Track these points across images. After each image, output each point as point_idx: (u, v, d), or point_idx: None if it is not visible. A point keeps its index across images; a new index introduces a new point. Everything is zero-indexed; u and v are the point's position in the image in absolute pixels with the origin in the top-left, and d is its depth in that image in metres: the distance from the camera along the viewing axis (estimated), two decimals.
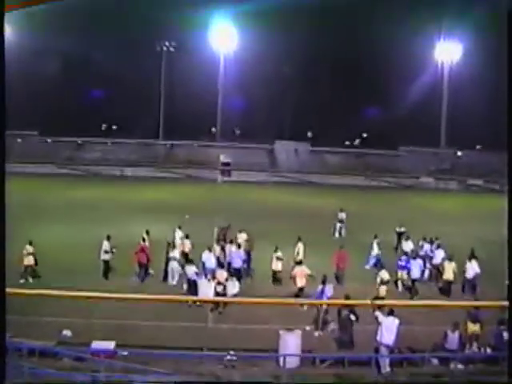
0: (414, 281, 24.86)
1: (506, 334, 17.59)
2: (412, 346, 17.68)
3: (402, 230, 33.31)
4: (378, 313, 17.13)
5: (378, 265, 25.46)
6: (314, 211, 42.26)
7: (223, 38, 78.98)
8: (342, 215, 37.72)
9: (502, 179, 70.54)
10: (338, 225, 37.34)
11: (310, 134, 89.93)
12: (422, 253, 27.52)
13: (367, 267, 28.04)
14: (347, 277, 25.78)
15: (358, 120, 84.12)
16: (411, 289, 24.68)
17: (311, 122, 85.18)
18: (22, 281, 23.83)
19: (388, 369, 16.30)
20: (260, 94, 79.92)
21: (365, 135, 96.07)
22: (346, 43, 76.48)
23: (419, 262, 25.57)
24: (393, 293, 23.57)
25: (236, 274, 24.41)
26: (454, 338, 17.07)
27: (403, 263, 25.55)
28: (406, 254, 27.14)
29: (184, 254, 26.28)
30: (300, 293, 23.22)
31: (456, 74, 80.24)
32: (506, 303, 18.06)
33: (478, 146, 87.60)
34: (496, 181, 71.73)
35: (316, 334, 19.72)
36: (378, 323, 16.87)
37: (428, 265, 26.80)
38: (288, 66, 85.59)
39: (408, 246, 28.83)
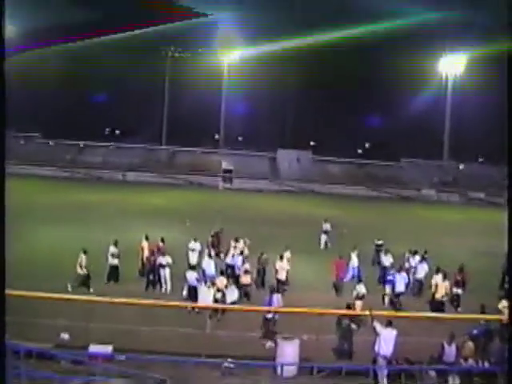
0: (398, 295, 24.00)
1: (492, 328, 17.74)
2: (410, 358, 17.64)
3: (380, 242, 32.09)
4: (376, 323, 17.12)
5: (356, 278, 25.02)
6: (314, 220, 42.11)
7: (228, 45, 79.18)
8: (327, 226, 36.57)
9: (503, 192, 70.74)
10: (323, 236, 36.16)
11: (312, 143, 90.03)
12: (406, 266, 26.50)
13: (344, 280, 26.30)
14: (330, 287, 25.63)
15: (360, 130, 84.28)
16: (395, 303, 23.83)
17: (314, 131, 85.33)
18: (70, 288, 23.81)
19: (385, 380, 16.26)
20: (263, 102, 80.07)
21: (367, 146, 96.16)
22: (351, 54, 76.68)
23: (404, 275, 24.57)
24: (379, 306, 22.56)
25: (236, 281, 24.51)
26: (450, 350, 17.04)
27: (391, 277, 24.50)
28: (384, 268, 26.50)
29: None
30: (280, 286, 24.04)
31: (459, 88, 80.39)
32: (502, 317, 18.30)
33: (480, 159, 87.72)
34: (498, 194, 71.78)
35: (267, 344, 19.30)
36: (376, 334, 16.84)
37: (411, 278, 25.71)
38: (292, 74, 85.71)
39: (387, 259, 27.50)
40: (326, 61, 79.27)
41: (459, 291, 24.21)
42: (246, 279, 24.57)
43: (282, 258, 25.97)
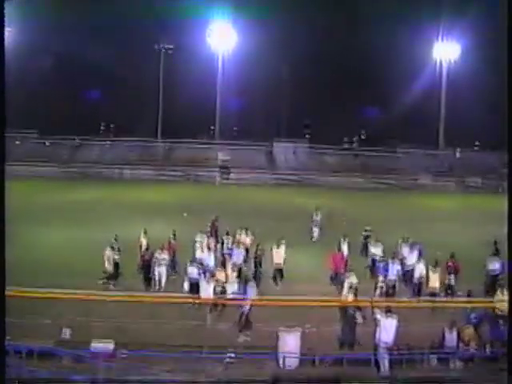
0: (392, 284, 23.84)
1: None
2: (411, 345, 17.69)
3: (368, 228, 31.54)
4: (376, 312, 17.17)
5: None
6: (310, 211, 42.10)
7: (221, 38, 78.90)
8: (317, 217, 35.95)
9: (500, 179, 70.80)
10: (315, 227, 35.42)
11: (308, 134, 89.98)
12: (399, 255, 26.01)
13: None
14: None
15: (356, 120, 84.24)
16: (388, 292, 23.62)
17: (309, 121, 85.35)
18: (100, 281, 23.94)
19: (387, 368, 16.32)
20: (258, 94, 79.92)
21: (363, 135, 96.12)
22: (345, 42, 76.55)
23: (397, 264, 24.42)
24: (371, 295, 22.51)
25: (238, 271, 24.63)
26: (451, 336, 17.10)
27: (380, 266, 24.44)
28: (373, 259, 26.15)
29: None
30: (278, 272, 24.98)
31: (454, 74, 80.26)
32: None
33: (476, 145, 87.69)
34: (495, 181, 71.80)
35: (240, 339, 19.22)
36: (377, 323, 16.89)
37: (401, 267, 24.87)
38: (286, 65, 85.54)
39: (377, 249, 27.04)
40: (321, 51, 79.19)
41: (452, 280, 23.87)
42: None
43: (278, 245, 26.11)
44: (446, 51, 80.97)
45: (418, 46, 77.43)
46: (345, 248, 27.33)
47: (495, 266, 25.09)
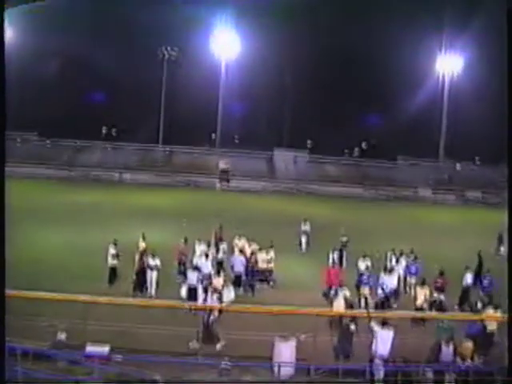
0: (387, 297, 23.89)
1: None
2: (407, 357, 17.63)
3: (345, 239, 31.26)
4: (373, 323, 17.14)
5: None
6: (311, 220, 41.96)
7: (225, 45, 79.08)
8: (306, 227, 35.45)
9: (500, 193, 70.83)
10: (303, 237, 34.86)
11: (309, 143, 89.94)
12: (395, 267, 25.96)
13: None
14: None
15: (357, 130, 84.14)
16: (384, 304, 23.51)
17: (311, 130, 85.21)
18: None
19: (382, 380, 16.28)
20: (260, 102, 79.98)
21: (364, 146, 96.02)
22: (348, 53, 76.68)
23: (394, 277, 24.53)
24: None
25: (237, 279, 24.86)
26: (448, 350, 17.05)
27: (365, 279, 24.21)
28: (360, 273, 25.37)
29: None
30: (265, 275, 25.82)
31: (456, 87, 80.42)
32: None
33: (477, 159, 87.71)
34: (495, 194, 71.82)
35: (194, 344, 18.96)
36: (373, 334, 16.86)
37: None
38: (289, 74, 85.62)
39: (363, 263, 26.38)
40: (323, 61, 79.32)
41: (441, 297, 23.49)
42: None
43: (267, 252, 26.84)
44: (449, 64, 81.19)
45: (420, 58, 77.61)
46: (335, 258, 27.30)
47: (466, 279, 25.30)
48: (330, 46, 75.40)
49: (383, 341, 16.62)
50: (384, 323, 17.13)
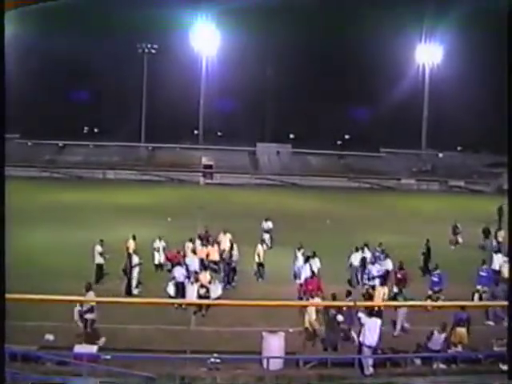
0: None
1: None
2: (394, 347, 17.75)
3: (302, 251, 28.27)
4: (360, 314, 17.22)
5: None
6: (296, 213, 42.11)
7: (205, 40, 78.88)
8: (269, 224, 34.05)
9: (483, 180, 71.50)
10: (266, 235, 33.08)
11: (291, 136, 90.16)
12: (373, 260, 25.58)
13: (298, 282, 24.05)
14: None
15: (340, 122, 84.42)
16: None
17: (293, 123, 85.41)
18: None
19: (371, 369, 16.36)
20: (242, 96, 79.99)
21: (347, 137, 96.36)
22: (329, 45, 76.85)
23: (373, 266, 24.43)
24: None
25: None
26: (439, 338, 17.13)
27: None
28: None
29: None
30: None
31: (437, 76, 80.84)
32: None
33: (458, 148, 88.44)
34: (477, 182, 72.55)
35: None
36: (361, 324, 16.94)
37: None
38: (270, 68, 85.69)
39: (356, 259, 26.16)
40: (305, 54, 79.44)
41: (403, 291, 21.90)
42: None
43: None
44: (429, 54, 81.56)
45: (401, 48, 77.96)
46: (300, 257, 25.55)
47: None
48: (310, 40, 75.52)
49: (371, 330, 16.69)
50: (371, 313, 17.22)
